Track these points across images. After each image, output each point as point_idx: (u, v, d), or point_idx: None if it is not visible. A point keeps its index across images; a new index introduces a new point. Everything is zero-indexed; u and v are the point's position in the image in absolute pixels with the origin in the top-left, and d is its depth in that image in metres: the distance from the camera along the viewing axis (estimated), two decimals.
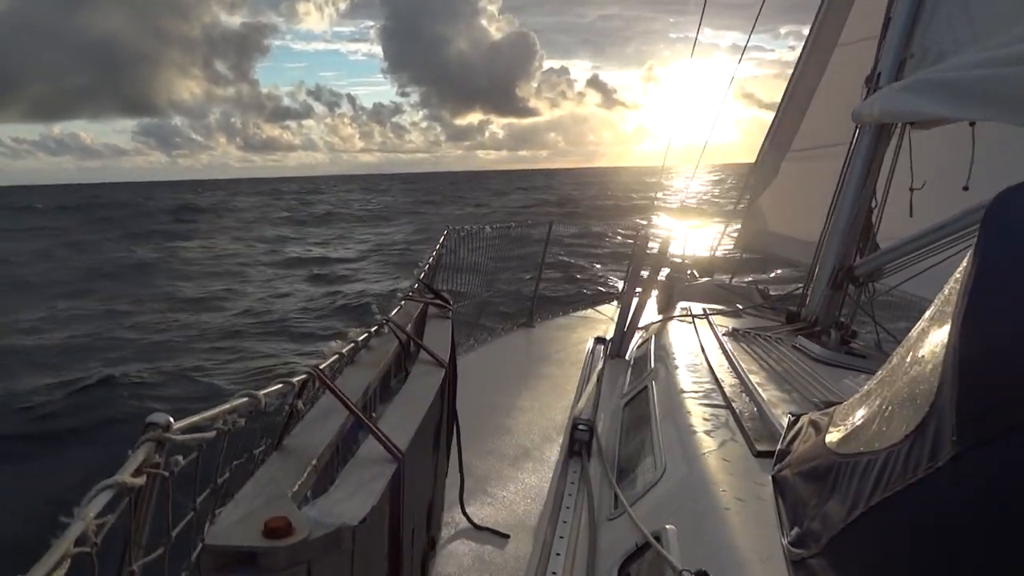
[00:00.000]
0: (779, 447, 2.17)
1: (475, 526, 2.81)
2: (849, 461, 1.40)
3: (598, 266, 21.06)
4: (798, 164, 6.41)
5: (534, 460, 3.42)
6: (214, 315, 16.30)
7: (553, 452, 3.33)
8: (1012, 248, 1.13)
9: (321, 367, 1.44)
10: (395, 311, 2.29)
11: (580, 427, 3.31)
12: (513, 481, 3.26)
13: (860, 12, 5.68)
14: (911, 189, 4.35)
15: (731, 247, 8.10)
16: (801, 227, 5.80)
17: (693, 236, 9.40)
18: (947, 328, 1.14)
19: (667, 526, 2.00)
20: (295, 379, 1.32)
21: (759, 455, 2.28)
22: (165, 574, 0.99)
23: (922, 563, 1.00)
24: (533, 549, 2.47)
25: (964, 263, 1.20)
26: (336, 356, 1.67)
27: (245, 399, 1.13)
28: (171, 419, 0.94)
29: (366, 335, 1.98)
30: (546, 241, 7.69)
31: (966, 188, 3.73)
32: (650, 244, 5.80)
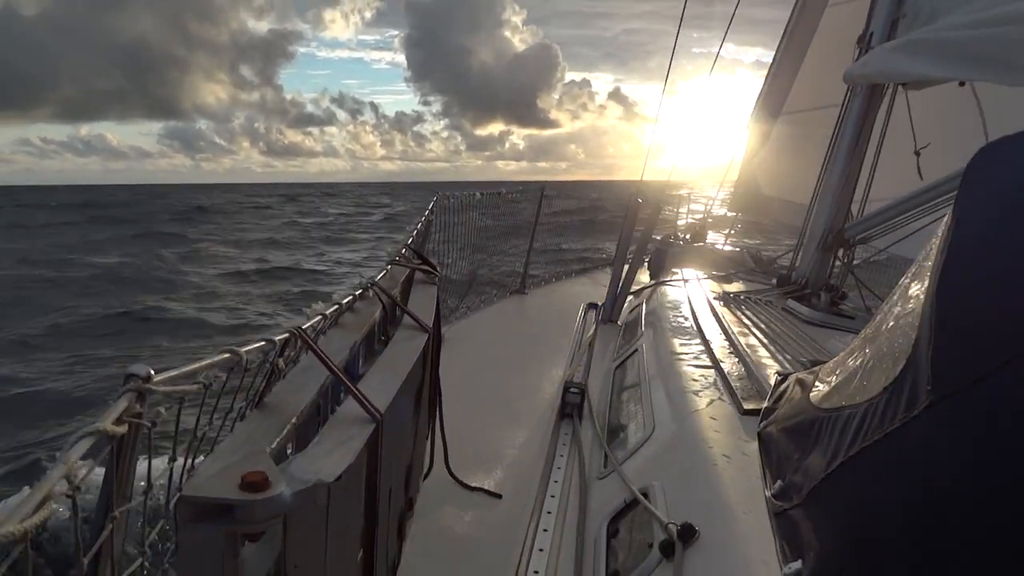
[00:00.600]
0: (765, 405, 2.19)
1: (466, 487, 2.85)
2: (831, 415, 1.42)
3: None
4: (790, 127, 6.38)
5: (527, 424, 3.45)
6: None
7: (546, 415, 3.36)
8: (988, 202, 1.13)
9: (304, 327, 1.44)
10: (381, 275, 2.29)
11: (572, 390, 3.34)
12: (506, 444, 3.29)
13: None
14: (916, 152, 4.33)
15: (724, 211, 8.11)
16: (793, 190, 5.80)
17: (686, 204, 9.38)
18: (926, 284, 1.15)
19: (654, 482, 2.03)
20: (277, 337, 1.33)
21: (746, 413, 2.31)
22: (144, 522, 1.01)
23: (897, 510, 1.02)
24: (525, 508, 2.51)
25: (945, 220, 1.21)
26: (319, 317, 1.67)
27: (227, 355, 1.14)
28: (151, 371, 0.94)
29: (351, 298, 1.99)
30: (538, 207, 7.66)
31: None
32: (641, 211, 5.79)
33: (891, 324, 1.36)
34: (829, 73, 4.79)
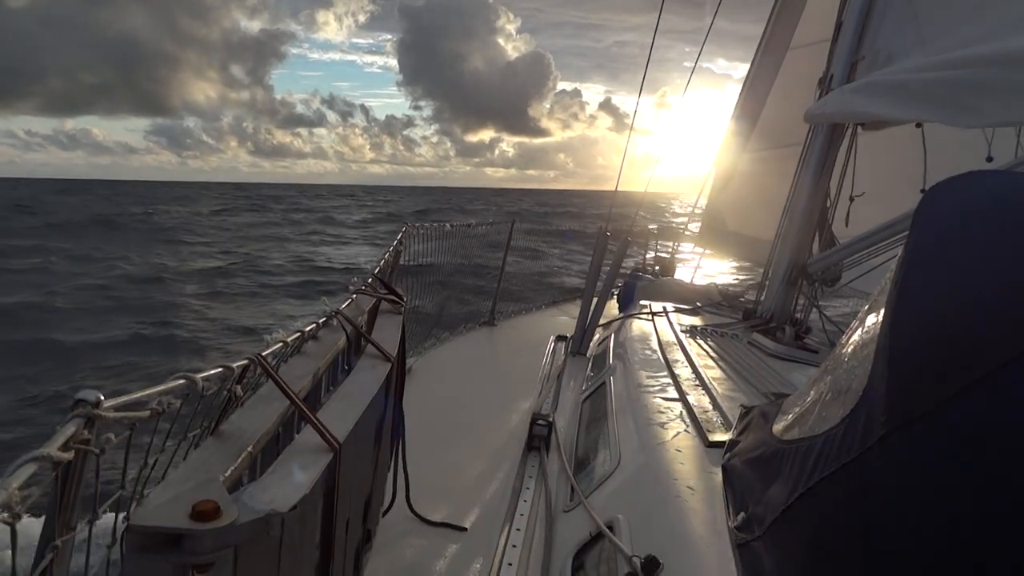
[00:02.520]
0: (730, 437, 2.21)
1: (426, 521, 2.80)
2: (791, 447, 1.43)
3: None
4: (755, 164, 6.52)
5: (494, 456, 3.42)
6: None
7: (513, 448, 3.34)
8: (936, 237, 1.17)
9: (264, 354, 1.42)
10: (345, 304, 2.27)
11: (539, 422, 3.32)
12: (472, 477, 3.26)
13: (811, 16, 5.81)
14: (851, 198, 4.48)
15: (691, 246, 8.21)
16: (758, 226, 5.90)
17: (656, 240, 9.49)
18: (880, 318, 1.17)
19: (619, 515, 2.02)
20: (235, 364, 1.31)
21: (710, 445, 2.31)
22: (88, 552, 0.98)
23: (854, 540, 1.03)
24: (490, 541, 2.48)
25: (898, 256, 1.24)
26: (280, 344, 1.65)
27: (181, 381, 1.11)
28: (101, 396, 0.92)
29: (314, 326, 1.97)
30: (508, 239, 7.70)
31: (923, 190, 3.83)
32: (610, 244, 5.85)
33: (848, 357, 1.38)
34: (791, 113, 4.92)
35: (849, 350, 1.42)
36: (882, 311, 1.17)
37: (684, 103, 7.00)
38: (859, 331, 1.39)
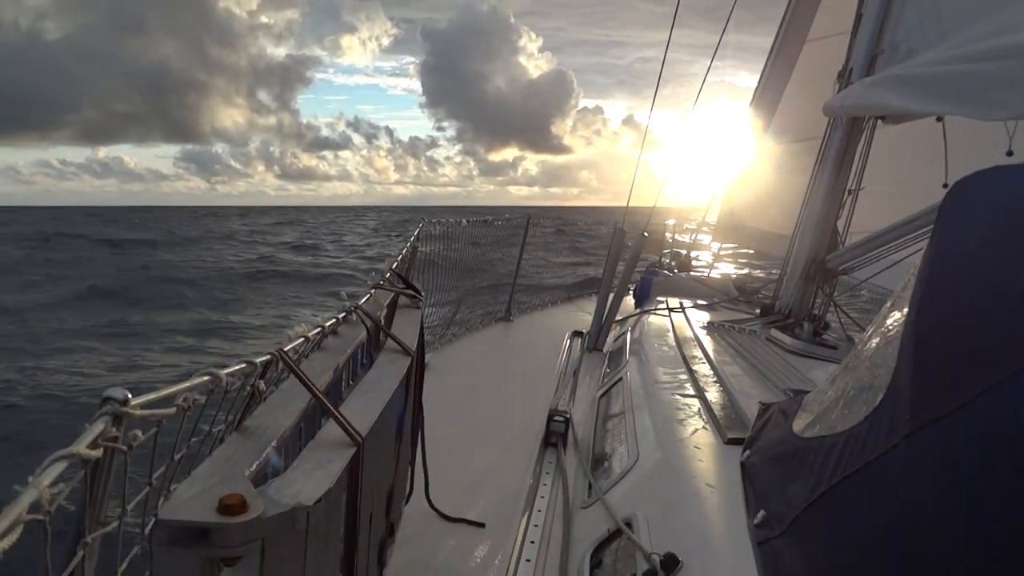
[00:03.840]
0: (749, 434, 2.20)
1: (445, 517, 2.82)
2: (812, 445, 1.42)
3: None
4: (771, 159, 6.47)
5: (511, 453, 3.43)
6: None
7: (530, 444, 3.34)
8: (963, 233, 1.16)
9: (286, 349, 1.43)
10: (365, 299, 2.28)
11: (556, 418, 3.32)
12: (490, 473, 3.27)
13: (828, 9, 5.75)
14: (849, 191, 4.43)
15: (709, 240, 8.17)
16: (775, 221, 5.86)
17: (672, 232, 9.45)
18: (905, 314, 1.16)
19: (638, 512, 2.02)
20: (258, 360, 1.32)
21: (729, 442, 2.31)
22: (118, 547, 0.99)
23: (878, 539, 1.02)
24: (507, 538, 2.49)
25: (923, 251, 1.23)
26: (301, 339, 1.66)
27: (206, 377, 1.12)
28: (128, 394, 0.93)
29: (334, 320, 1.98)
30: (524, 235, 7.70)
31: (946, 185, 3.79)
32: (627, 239, 5.84)
33: (871, 354, 1.37)
34: (809, 107, 4.87)
35: (872, 346, 1.41)
36: (906, 307, 1.16)
37: (695, 116, 6.93)
38: (882, 327, 1.38)
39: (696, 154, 7.64)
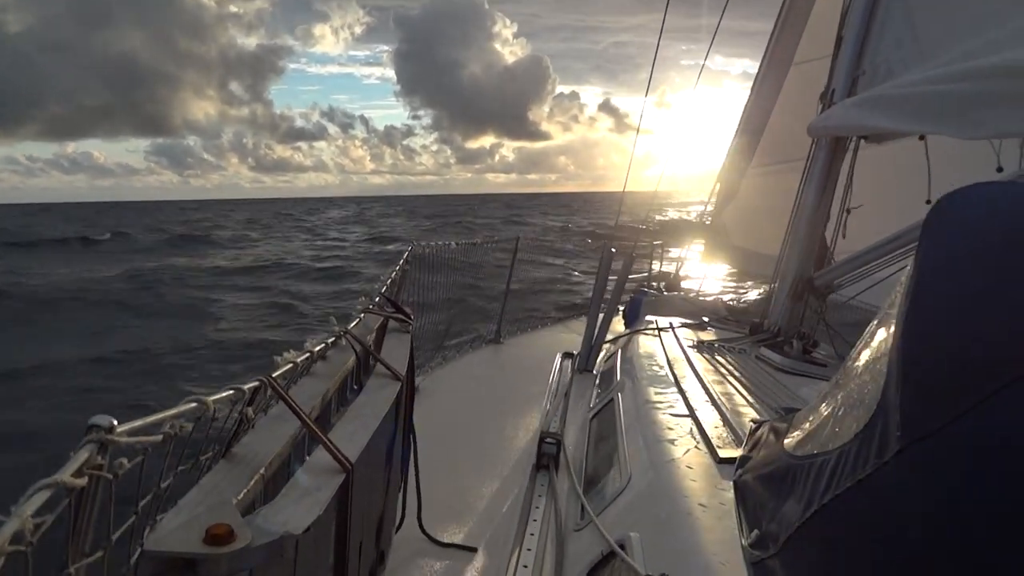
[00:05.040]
0: (741, 453, 2.19)
1: (436, 543, 2.78)
2: (804, 463, 1.42)
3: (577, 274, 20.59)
4: (759, 179, 6.54)
5: (502, 476, 3.41)
6: None
7: (522, 466, 3.32)
8: (947, 249, 1.17)
9: (274, 375, 1.42)
10: (354, 323, 2.27)
11: (547, 440, 3.30)
12: (481, 497, 3.24)
13: (812, 33, 5.85)
14: (847, 210, 4.47)
15: (696, 262, 8.21)
16: (763, 241, 5.91)
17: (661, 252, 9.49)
18: (892, 330, 1.17)
19: (631, 534, 2.01)
20: (246, 386, 1.30)
21: (721, 462, 2.30)
22: None
23: (872, 558, 1.02)
24: (500, 562, 2.46)
25: (908, 267, 1.24)
26: (290, 365, 1.65)
27: (193, 404, 1.11)
28: (114, 421, 0.92)
29: (323, 346, 1.97)
30: (513, 256, 7.71)
31: (928, 202, 3.84)
32: (615, 260, 5.86)
33: (860, 371, 1.38)
34: (793, 128, 4.94)
35: (861, 363, 1.41)
36: (893, 324, 1.17)
37: (690, 101, 7.01)
38: (870, 344, 1.39)
39: (683, 138, 7.74)
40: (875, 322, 1.43)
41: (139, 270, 27.45)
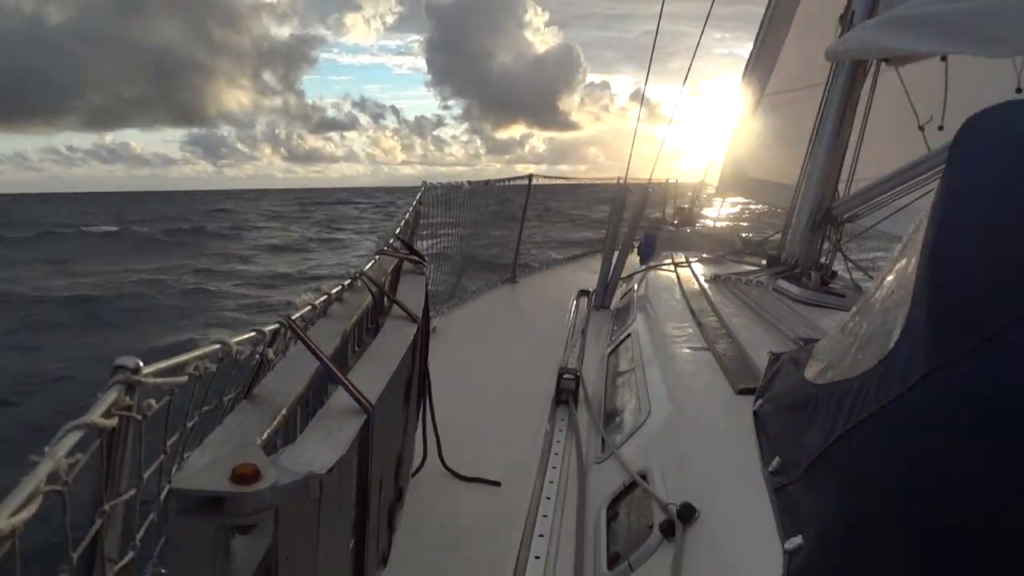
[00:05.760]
0: (760, 384, 2.20)
1: (462, 478, 2.84)
2: (826, 390, 1.42)
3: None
4: (774, 108, 6.38)
5: (522, 412, 3.45)
6: None
7: (541, 403, 3.36)
8: (976, 170, 1.13)
9: (293, 317, 1.42)
10: (369, 265, 2.27)
11: (566, 376, 3.33)
12: (502, 433, 3.29)
13: None
14: (920, 128, 4.30)
15: (712, 193, 8.11)
16: (779, 171, 5.81)
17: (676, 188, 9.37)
18: (918, 257, 1.14)
19: (652, 465, 2.03)
20: (267, 328, 1.31)
21: (740, 392, 2.31)
22: (136, 515, 0.99)
23: (896, 482, 1.02)
24: (523, 495, 2.51)
25: (935, 192, 1.21)
26: (308, 307, 1.65)
27: (217, 346, 1.12)
28: (140, 362, 0.93)
29: (339, 288, 1.97)
30: (527, 195, 7.64)
31: (941, 127, 3.74)
32: (630, 195, 5.79)
33: (884, 298, 1.36)
34: (811, 54, 4.78)
35: (883, 291, 1.39)
36: (919, 249, 1.14)
37: (697, 86, 6.81)
38: (894, 272, 1.37)
39: (698, 125, 7.56)
40: (899, 249, 1.40)
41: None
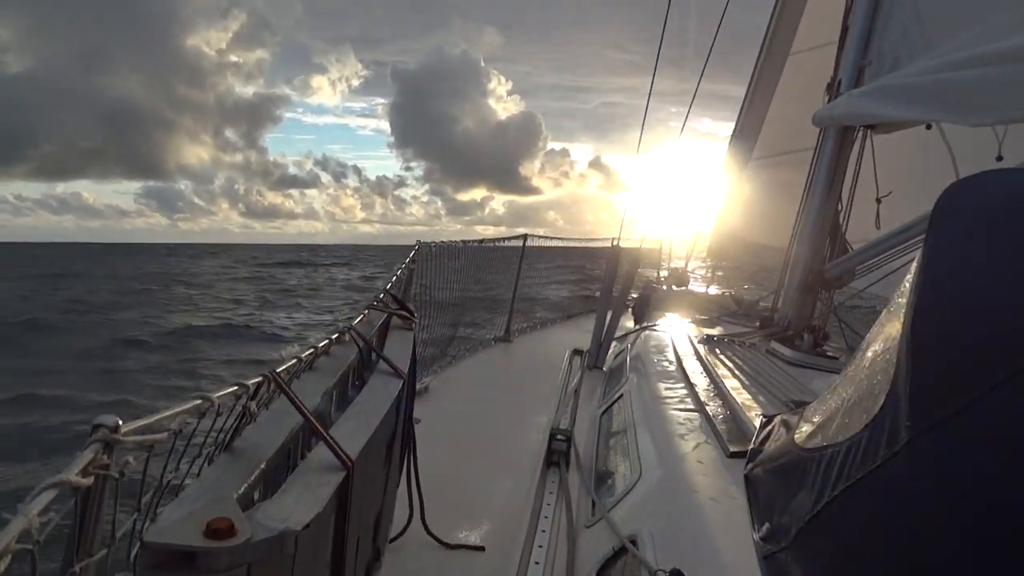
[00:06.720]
0: (751, 447, 2.18)
1: (443, 544, 2.78)
2: (815, 455, 1.41)
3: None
4: (762, 171, 6.50)
5: (513, 472, 3.40)
6: None
7: (532, 464, 3.31)
8: (955, 237, 1.15)
9: (278, 371, 1.42)
10: (358, 319, 2.27)
11: (558, 437, 3.29)
12: (491, 494, 3.24)
13: (812, 20, 5.81)
14: (877, 200, 4.42)
15: (703, 257, 8.18)
16: (770, 234, 5.87)
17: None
18: (901, 321, 1.15)
19: (642, 529, 2.00)
20: (250, 382, 1.30)
21: (732, 456, 2.28)
22: (107, 575, 0.97)
23: (883, 548, 1.01)
24: (511, 560, 2.45)
25: (917, 257, 1.23)
26: (294, 360, 1.65)
27: (199, 401, 1.11)
28: (119, 420, 0.92)
29: (327, 341, 1.97)
30: (521, 254, 7.70)
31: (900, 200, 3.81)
32: (623, 258, 5.84)
33: (870, 362, 1.36)
34: (797, 119, 4.90)
35: (870, 355, 1.39)
36: (903, 314, 1.15)
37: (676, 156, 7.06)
38: (880, 335, 1.37)
39: (674, 190, 7.81)
40: (885, 313, 1.41)
41: None
